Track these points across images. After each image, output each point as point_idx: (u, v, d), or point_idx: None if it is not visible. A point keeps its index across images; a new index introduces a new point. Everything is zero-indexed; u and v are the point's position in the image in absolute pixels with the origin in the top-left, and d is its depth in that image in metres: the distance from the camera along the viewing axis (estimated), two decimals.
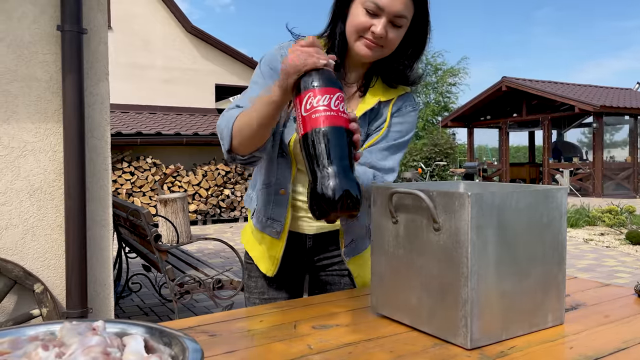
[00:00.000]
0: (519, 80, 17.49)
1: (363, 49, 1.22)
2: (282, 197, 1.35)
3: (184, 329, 1.02)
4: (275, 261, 1.40)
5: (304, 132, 0.93)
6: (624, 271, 5.87)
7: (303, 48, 1.01)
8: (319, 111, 0.93)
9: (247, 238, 1.50)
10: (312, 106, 0.94)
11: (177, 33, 13.43)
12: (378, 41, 1.20)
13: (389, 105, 1.35)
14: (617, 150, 19.08)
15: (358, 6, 1.20)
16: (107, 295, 2.64)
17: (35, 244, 2.47)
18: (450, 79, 28.00)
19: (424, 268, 0.98)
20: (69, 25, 2.42)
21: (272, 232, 1.38)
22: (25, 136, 2.44)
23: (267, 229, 1.39)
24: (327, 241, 1.43)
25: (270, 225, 1.38)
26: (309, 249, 1.43)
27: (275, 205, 1.36)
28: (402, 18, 1.19)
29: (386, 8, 1.16)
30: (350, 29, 1.22)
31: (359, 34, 1.21)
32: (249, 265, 1.49)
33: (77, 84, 2.44)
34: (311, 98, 0.94)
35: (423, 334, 0.99)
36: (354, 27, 1.21)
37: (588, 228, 9.11)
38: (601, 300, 1.21)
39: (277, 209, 1.36)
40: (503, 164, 18.66)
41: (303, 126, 0.94)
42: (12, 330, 0.75)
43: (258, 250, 1.45)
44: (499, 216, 0.92)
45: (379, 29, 1.18)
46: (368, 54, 1.22)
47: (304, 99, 0.95)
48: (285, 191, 1.34)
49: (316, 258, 1.45)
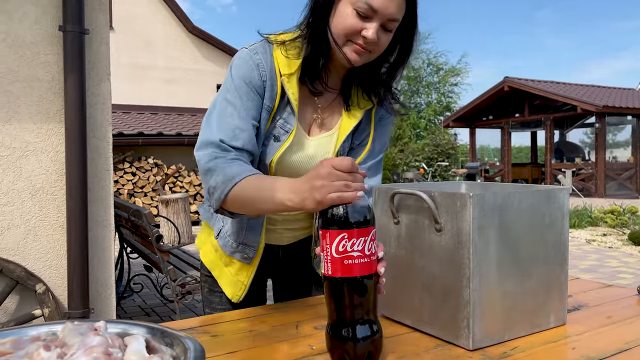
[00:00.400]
0: (521, 81, 17.47)
1: (352, 54, 1.09)
2: (256, 221, 1.22)
3: (185, 330, 1.02)
4: (243, 287, 1.27)
5: (333, 276, 0.84)
6: (627, 272, 5.85)
7: (338, 173, 0.85)
8: (352, 257, 0.84)
9: (208, 255, 1.33)
10: (346, 250, 0.84)
11: (178, 33, 13.46)
12: (368, 46, 1.08)
13: (371, 114, 1.25)
14: (620, 151, 19.04)
15: (347, 5, 1.06)
16: (109, 295, 2.64)
17: (37, 244, 2.47)
18: (452, 79, 27.99)
19: (426, 269, 0.98)
20: (71, 26, 2.42)
21: (242, 257, 1.25)
22: (27, 136, 2.44)
23: (236, 254, 1.25)
24: (300, 249, 1.35)
25: (242, 251, 1.24)
26: (280, 259, 1.35)
27: (248, 230, 1.22)
28: (394, 22, 1.07)
29: (380, 10, 1.04)
30: (338, 32, 1.08)
31: (348, 37, 1.07)
32: (209, 279, 1.34)
33: (79, 85, 2.44)
34: (345, 240, 0.83)
35: (425, 334, 0.99)
36: (343, 30, 1.07)
37: (590, 229, 9.10)
38: (604, 301, 1.20)
39: (251, 235, 1.23)
40: (505, 164, 18.64)
41: (332, 268, 0.84)
42: (14, 330, 0.75)
43: (222, 272, 1.30)
44: (500, 217, 0.92)
45: (370, 33, 1.05)
46: (356, 59, 1.09)
47: (335, 239, 0.83)
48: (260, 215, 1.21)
49: (286, 266, 1.37)
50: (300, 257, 1.36)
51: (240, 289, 1.27)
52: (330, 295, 0.86)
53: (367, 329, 0.85)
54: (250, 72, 1.12)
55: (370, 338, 0.85)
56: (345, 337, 0.84)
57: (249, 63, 1.13)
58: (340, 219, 0.84)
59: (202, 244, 1.36)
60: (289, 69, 1.14)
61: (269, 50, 1.15)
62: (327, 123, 1.23)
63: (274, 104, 1.15)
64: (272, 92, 1.14)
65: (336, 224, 0.84)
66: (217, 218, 1.28)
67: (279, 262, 1.35)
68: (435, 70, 28.11)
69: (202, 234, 1.38)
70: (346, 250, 0.84)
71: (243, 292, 1.27)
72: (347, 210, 0.84)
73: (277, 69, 1.14)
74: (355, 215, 0.84)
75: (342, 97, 1.24)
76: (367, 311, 0.86)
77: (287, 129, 1.16)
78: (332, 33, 1.09)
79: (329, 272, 0.84)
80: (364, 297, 0.85)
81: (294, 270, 1.40)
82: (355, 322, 0.85)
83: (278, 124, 1.16)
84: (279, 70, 1.14)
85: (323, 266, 0.85)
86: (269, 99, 1.14)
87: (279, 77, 1.14)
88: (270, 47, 1.15)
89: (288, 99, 1.14)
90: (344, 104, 1.23)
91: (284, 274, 1.41)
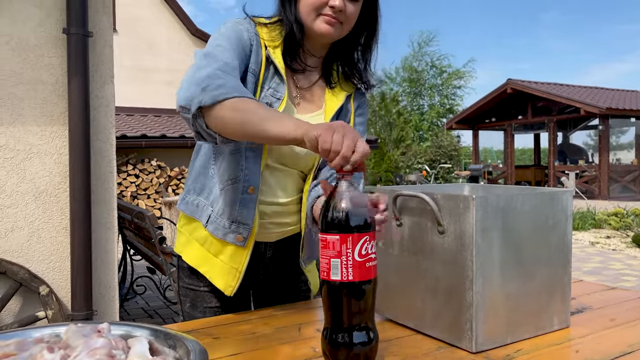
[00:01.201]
0: (524, 83, 17.45)
1: (323, 26, 1.14)
2: (250, 196, 1.19)
3: (188, 332, 1.02)
4: (238, 275, 1.22)
5: (355, 280, 0.82)
6: (631, 274, 5.83)
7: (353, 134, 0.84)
8: (372, 259, 0.83)
9: (193, 253, 1.27)
10: (368, 253, 0.83)
11: (181, 36, 13.49)
12: (338, 16, 1.13)
13: (350, 100, 1.29)
14: (624, 153, 18.98)
15: None
16: (112, 297, 2.64)
17: (40, 246, 2.48)
18: (456, 82, 27.99)
19: (429, 271, 0.98)
20: (75, 28, 2.43)
21: (236, 238, 1.20)
22: (31, 139, 2.45)
23: (229, 235, 1.21)
24: (288, 248, 1.33)
25: (236, 230, 1.20)
26: (268, 260, 1.31)
27: (242, 206, 1.19)
28: None
29: None
30: (306, 8, 1.15)
31: (317, 11, 1.14)
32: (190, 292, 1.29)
33: (83, 87, 2.45)
34: (367, 243, 0.82)
35: (428, 337, 0.99)
36: (310, 5, 1.14)
37: (594, 231, 9.07)
38: (607, 304, 1.20)
39: (245, 210, 1.19)
40: (508, 166, 18.61)
41: (354, 273, 0.82)
42: (18, 332, 0.75)
43: (213, 264, 1.24)
44: (503, 219, 0.92)
45: (337, 2, 1.11)
46: (330, 30, 1.15)
47: (359, 242, 0.82)
48: (254, 189, 1.19)
49: (272, 270, 1.34)
50: (287, 258, 1.34)
51: (234, 277, 1.21)
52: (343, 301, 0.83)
53: (365, 334, 0.84)
54: (239, 32, 1.16)
55: (369, 345, 0.85)
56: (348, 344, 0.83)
57: (238, 27, 1.17)
58: (365, 221, 0.82)
59: (183, 247, 1.31)
60: (272, 42, 1.19)
61: (253, 26, 1.20)
62: (310, 103, 1.26)
63: (259, 68, 1.18)
64: (257, 57, 1.18)
65: (359, 228, 0.82)
66: (204, 206, 1.24)
67: (266, 264, 1.31)
68: (438, 73, 28.11)
69: (181, 237, 1.32)
70: (368, 253, 0.83)
71: (237, 282, 1.21)
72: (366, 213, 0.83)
73: (262, 41, 1.19)
74: (369, 217, 0.83)
75: (324, 78, 1.28)
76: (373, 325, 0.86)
77: (278, 96, 1.17)
78: (302, 14, 1.16)
79: (349, 278, 0.81)
80: (374, 298, 0.85)
81: (279, 275, 1.35)
82: (365, 326, 0.84)
83: (268, 93, 1.18)
84: (264, 42, 1.19)
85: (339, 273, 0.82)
86: (254, 63, 1.17)
87: (264, 49, 1.18)
88: (253, 25, 1.20)
89: (275, 67, 1.18)
90: (327, 83, 1.27)
91: (267, 282, 1.35)
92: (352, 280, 0.81)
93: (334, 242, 0.82)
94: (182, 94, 1.03)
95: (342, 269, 0.81)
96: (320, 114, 1.25)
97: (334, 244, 0.82)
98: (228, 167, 1.20)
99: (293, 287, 1.37)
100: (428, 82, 28.25)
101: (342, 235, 0.81)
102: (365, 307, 0.84)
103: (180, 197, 1.33)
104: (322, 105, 1.26)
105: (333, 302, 0.83)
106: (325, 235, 0.82)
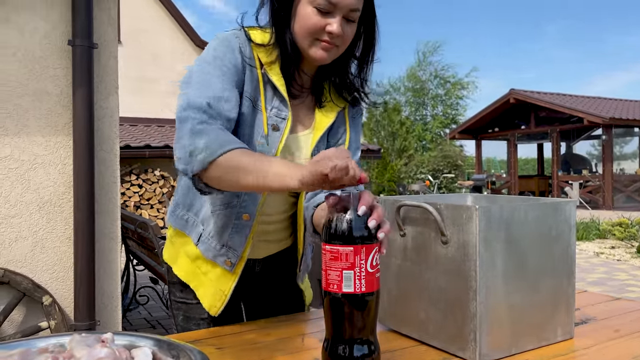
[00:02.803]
0: (527, 93, 17.47)
1: (319, 52, 1.09)
2: (244, 222, 1.16)
3: (191, 342, 1.02)
4: (223, 297, 1.19)
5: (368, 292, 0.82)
6: (636, 285, 5.80)
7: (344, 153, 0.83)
8: (379, 270, 0.84)
9: (183, 267, 1.24)
10: (378, 263, 0.83)
11: (185, 46, 13.57)
12: (335, 41, 1.08)
13: (344, 113, 1.25)
14: (627, 163, 18.94)
15: (306, 5, 1.06)
16: (115, 307, 2.64)
17: (44, 256, 2.48)
18: (459, 92, 28.06)
19: (432, 281, 0.97)
20: (80, 40, 2.45)
21: (224, 262, 1.18)
22: (36, 149, 2.46)
23: (219, 258, 1.18)
24: (278, 263, 1.29)
25: (225, 254, 1.17)
26: (257, 275, 1.28)
27: (234, 231, 1.16)
28: (356, 11, 1.07)
29: (340, 3, 1.04)
30: (302, 33, 1.08)
31: (313, 36, 1.07)
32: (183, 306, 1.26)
33: (87, 98, 2.46)
34: (377, 253, 0.83)
35: (431, 347, 0.98)
36: (307, 31, 1.07)
37: (598, 241, 9.03)
38: (611, 315, 1.19)
39: (236, 237, 1.16)
40: (512, 176, 18.58)
41: (367, 284, 0.81)
42: (22, 342, 0.75)
43: (201, 282, 1.22)
44: (507, 229, 0.92)
45: (335, 27, 1.05)
46: (324, 57, 1.09)
47: (371, 253, 0.82)
48: (250, 217, 1.16)
49: (262, 284, 1.30)
50: (278, 272, 1.31)
51: (219, 299, 1.19)
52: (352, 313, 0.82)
53: (367, 347, 0.84)
54: (231, 53, 1.10)
55: (375, 352, 0.84)
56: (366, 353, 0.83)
57: (230, 44, 1.11)
58: (375, 231, 0.82)
59: (173, 259, 1.27)
60: (269, 58, 1.13)
61: (248, 43, 1.13)
62: (299, 122, 1.21)
63: (258, 92, 1.13)
64: (253, 77, 1.12)
65: (372, 238, 0.82)
66: (194, 223, 1.21)
67: (256, 277, 1.28)
68: (442, 83, 28.19)
69: (172, 247, 1.28)
70: (377, 263, 0.83)
71: (222, 304, 1.19)
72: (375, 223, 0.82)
73: (257, 58, 1.13)
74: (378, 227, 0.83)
75: (314, 96, 1.22)
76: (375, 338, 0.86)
77: (283, 116, 1.13)
78: (297, 37, 1.09)
79: (362, 290, 0.81)
80: (377, 310, 0.85)
81: (270, 288, 1.33)
82: (367, 339, 0.84)
83: (272, 114, 1.13)
84: (259, 59, 1.13)
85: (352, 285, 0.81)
86: (250, 87, 1.12)
87: (259, 69, 1.13)
88: (248, 42, 1.13)
89: (274, 86, 1.13)
90: (317, 102, 1.22)
91: (259, 293, 1.33)
92: (365, 292, 0.81)
93: (347, 253, 0.81)
94: (176, 155, 1.02)
95: (356, 280, 0.81)
96: (310, 132, 1.21)
97: (347, 256, 0.81)
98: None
99: (285, 299, 1.35)
100: (431, 92, 28.33)
101: (356, 246, 0.81)
102: (370, 319, 0.84)
103: (169, 209, 1.29)
104: (312, 123, 1.22)
105: (340, 314, 0.83)
106: (337, 247, 0.81)
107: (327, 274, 0.83)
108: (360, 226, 0.82)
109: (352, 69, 1.22)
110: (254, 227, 1.17)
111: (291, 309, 1.33)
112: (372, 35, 1.17)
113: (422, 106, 28.48)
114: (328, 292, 0.83)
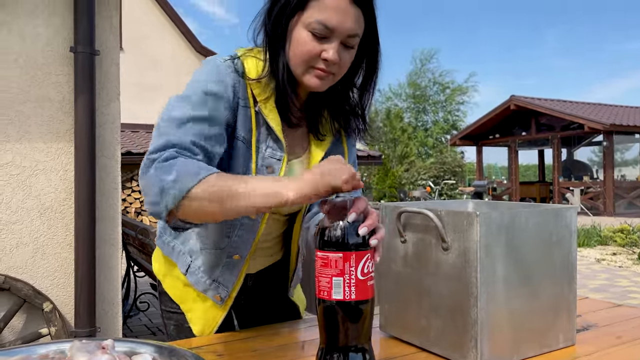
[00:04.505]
0: (527, 99, 17.50)
1: (314, 80, 1.01)
2: (235, 261, 1.12)
3: (192, 348, 1.02)
4: (214, 324, 1.16)
5: (358, 299, 0.81)
6: (638, 292, 5.78)
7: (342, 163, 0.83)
8: (372, 277, 0.83)
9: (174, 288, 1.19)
10: (369, 271, 0.82)
11: (186, 53, 13.62)
12: (331, 69, 1.00)
13: (341, 135, 1.19)
14: (628, 169, 18.93)
15: (301, 30, 0.98)
16: (115, 314, 2.64)
17: (45, 262, 2.48)
18: (459, 97, 28.12)
19: (433, 288, 0.97)
20: (82, 47, 2.46)
21: (213, 296, 1.14)
22: (37, 155, 2.47)
23: (209, 291, 1.14)
24: (270, 275, 1.27)
25: (215, 289, 1.14)
26: (249, 288, 1.24)
27: (225, 269, 1.12)
28: (355, 37, 1.00)
29: (337, 29, 0.96)
30: (297, 60, 1.00)
31: (309, 64, 1.00)
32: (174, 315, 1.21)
33: (89, 104, 2.47)
34: (369, 261, 0.82)
35: (432, 354, 0.98)
36: (301, 57, 0.99)
37: (600, 248, 9.01)
38: (613, 321, 1.19)
39: (227, 274, 1.13)
40: (512, 182, 18.57)
41: (357, 291, 0.81)
42: (23, 348, 0.75)
43: (192, 307, 1.17)
44: (507, 235, 0.92)
45: (331, 54, 0.97)
46: (318, 85, 1.02)
47: (362, 260, 0.81)
48: (241, 257, 1.12)
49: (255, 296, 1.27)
50: (270, 283, 1.29)
51: (210, 326, 1.16)
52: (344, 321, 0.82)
53: (361, 355, 0.84)
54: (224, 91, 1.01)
55: None
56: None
57: (220, 78, 1.02)
58: (366, 238, 0.82)
59: (162, 275, 1.22)
60: (264, 93, 1.05)
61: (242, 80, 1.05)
62: (293, 147, 1.13)
63: (250, 132, 1.05)
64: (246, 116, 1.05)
65: (362, 245, 0.82)
66: (181, 253, 1.15)
67: (248, 290, 1.24)
68: (441, 89, 28.26)
69: (161, 264, 1.23)
70: (369, 271, 0.83)
71: (212, 330, 1.16)
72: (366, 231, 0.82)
73: (251, 96, 1.05)
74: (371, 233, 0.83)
75: (307, 121, 1.14)
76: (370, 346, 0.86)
77: (278, 157, 1.07)
78: (291, 63, 1.02)
79: (351, 297, 0.80)
80: (372, 318, 0.84)
81: (263, 300, 1.30)
82: (362, 347, 0.84)
83: (267, 154, 1.07)
84: (252, 95, 1.05)
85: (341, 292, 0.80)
86: (243, 128, 1.05)
87: (253, 107, 1.05)
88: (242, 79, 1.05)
89: (268, 126, 1.05)
90: (313, 130, 1.15)
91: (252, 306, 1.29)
92: (355, 300, 0.81)
93: (337, 260, 0.81)
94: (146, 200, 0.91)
95: (345, 287, 0.81)
96: (305, 158, 1.15)
97: (337, 262, 0.81)
98: (213, 231, 1.10)
99: (279, 308, 1.33)
100: (432, 99, 28.40)
101: (345, 253, 0.81)
102: (364, 327, 0.83)
103: (158, 230, 1.23)
104: (307, 148, 1.15)
105: (332, 322, 0.82)
106: (327, 253, 0.81)
107: (319, 280, 0.83)
108: (351, 233, 0.81)
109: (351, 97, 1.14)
110: (245, 266, 1.13)
111: (286, 319, 1.31)
112: (374, 63, 1.09)
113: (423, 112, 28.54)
114: (320, 300, 0.83)
